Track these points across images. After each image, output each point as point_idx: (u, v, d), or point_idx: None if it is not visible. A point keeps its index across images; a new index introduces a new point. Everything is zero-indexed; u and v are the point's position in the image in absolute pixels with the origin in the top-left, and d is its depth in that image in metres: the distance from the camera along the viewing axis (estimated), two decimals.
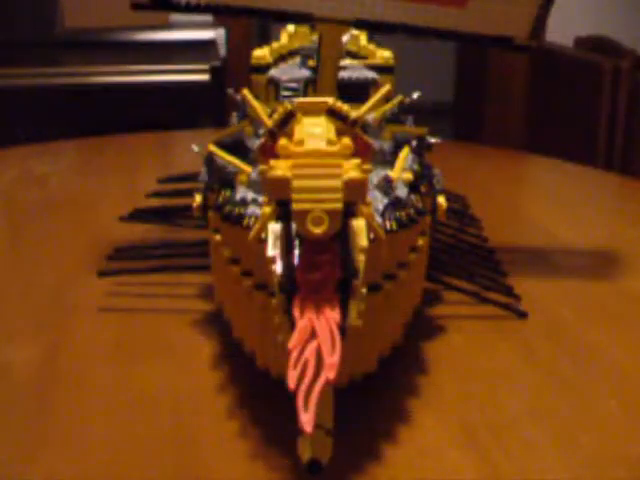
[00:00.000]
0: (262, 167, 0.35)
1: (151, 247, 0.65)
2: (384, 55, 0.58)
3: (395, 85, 0.56)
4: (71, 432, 0.44)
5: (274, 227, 0.34)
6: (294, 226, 0.33)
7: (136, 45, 1.81)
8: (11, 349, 0.53)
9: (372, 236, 0.35)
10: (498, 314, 0.57)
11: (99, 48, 1.81)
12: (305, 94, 0.54)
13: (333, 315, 0.32)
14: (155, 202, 0.73)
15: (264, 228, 0.34)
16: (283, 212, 0.33)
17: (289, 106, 0.36)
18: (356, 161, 0.33)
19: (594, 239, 0.76)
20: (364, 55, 0.61)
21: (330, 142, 0.33)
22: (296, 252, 0.34)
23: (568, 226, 0.79)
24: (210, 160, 0.50)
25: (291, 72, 0.55)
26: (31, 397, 0.48)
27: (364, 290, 0.34)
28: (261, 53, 0.55)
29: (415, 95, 0.61)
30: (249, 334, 0.46)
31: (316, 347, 0.31)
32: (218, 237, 0.46)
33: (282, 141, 0.33)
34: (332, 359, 0.31)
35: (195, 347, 0.52)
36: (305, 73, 0.55)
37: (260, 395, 0.46)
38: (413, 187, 0.46)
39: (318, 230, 0.31)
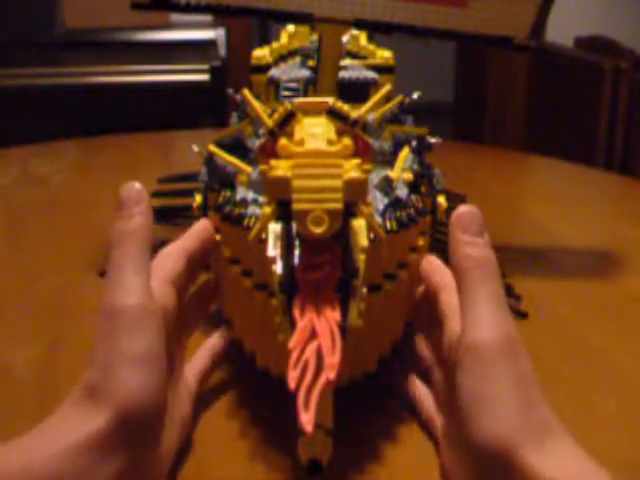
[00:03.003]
0: (262, 167, 0.35)
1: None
2: (384, 55, 0.58)
3: (395, 85, 0.56)
4: None
5: (274, 227, 0.34)
6: (294, 226, 0.33)
7: (136, 45, 1.81)
8: (12, 349, 0.53)
9: (372, 236, 0.35)
10: None
11: (99, 48, 1.81)
12: (305, 94, 0.54)
13: (333, 315, 0.32)
14: (155, 202, 0.73)
15: (264, 228, 0.34)
16: (283, 212, 0.33)
17: (289, 106, 0.36)
18: (356, 161, 0.33)
19: (594, 239, 0.76)
20: (364, 55, 0.61)
21: (330, 142, 0.33)
22: (296, 252, 0.34)
23: (568, 226, 0.79)
24: (210, 160, 0.50)
25: (291, 72, 0.55)
26: (32, 397, 0.48)
27: (364, 290, 0.34)
28: (261, 53, 0.55)
29: (415, 95, 0.61)
30: (249, 334, 0.46)
31: (316, 347, 0.31)
32: (218, 237, 0.46)
33: (282, 141, 0.33)
34: (332, 359, 0.31)
35: (195, 347, 0.52)
36: (305, 73, 0.54)
37: (260, 395, 0.46)
38: (413, 187, 0.46)
39: (318, 230, 0.31)
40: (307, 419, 0.30)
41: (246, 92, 0.45)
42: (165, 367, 0.35)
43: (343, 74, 0.53)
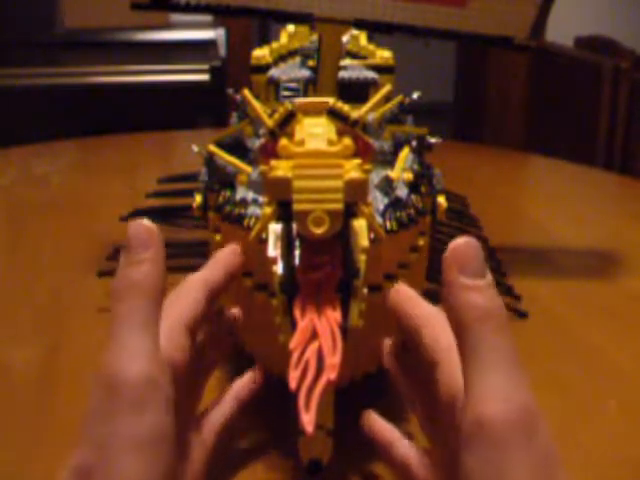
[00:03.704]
0: (263, 167, 0.35)
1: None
2: (384, 55, 0.57)
3: (395, 85, 0.56)
4: (71, 432, 0.44)
5: (275, 227, 0.33)
6: (295, 226, 0.33)
7: (136, 45, 1.81)
8: (11, 349, 0.53)
9: (372, 236, 0.35)
10: None
11: (99, 48, 1.81)
12: (305, 94, 0.54)
13: (334, 315, 0.32)
14: (155, 202, 0.73)
15: (265, 228, 0.34)
16: (284, 212, 0.33)
17: (290, 106, 0.35)
18: (357, 161, 0.33)
19: (594, 239, 0.76)
20: (364, 55, 0.61)
21: (331, 142, 0.33)
22: (297, 252, 0.34)
23: (568, 226, 0.79)
24: (210, 160, 0.50)
25: (291, 72, 0.55)
26: (31, 397, 0.48)
27: (365, 290, 0.34)
28: (261, 53, 0.55)
29: (415, 95, 0.61)
30: (249, 334, 0.46)
31: (317, 348, 0.31)
32: (218, 237, 0.46)
33: (283, 141, 0.33)
34: (333, 359, 0.31)
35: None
36: (305, 73, 0.54)
37: (260, 395, 0.46)
38: (413, 187, 0.46)
39: (319, 230, 0.31)
40: (308, 419, 0.30)
41: (246, 92, 0.45)
42: (174, 448, 0.31)
43: (343, 74, 0.53)
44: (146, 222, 0.33)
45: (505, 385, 0.29)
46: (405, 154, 0.48)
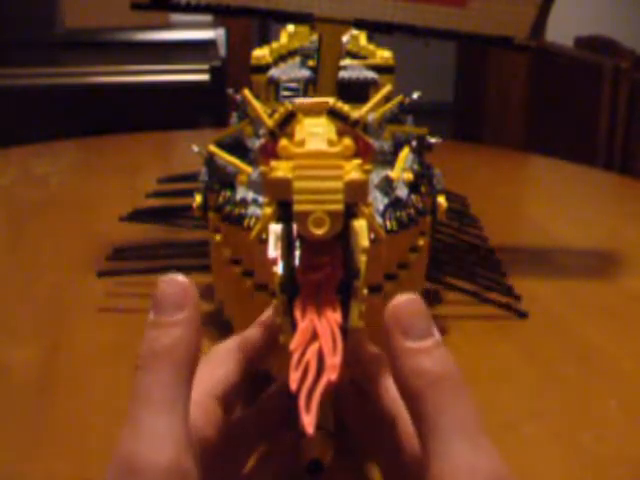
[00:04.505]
0: (263, 168, 0.35)
1: (151, 247, 0.65)
2: (384, 55, 0.57)
3: (395, 85, 0.55)
4: (71, 432, 0.44)
5: (275, 228, 0.33)
6: (295, 227, 0.33)
7: (136, 45, 1.82)
8: (11, 349, 0.53)
9: (372, 236, 0.35)
10: (498, 314, 0.57)
11: (99, 48, 1.81)
12: (305, 94, 0.54)
13: (334, 316, 0.32)
14: (155, 202, 0.73)
15: (265, 229, 0.34)
16: (284, 213, 0.33)
17: (290, 106, 0.35)
18: (357, 162, 0.33)
19: (594, 239, 0.76)
20: (364, 55, 0.61)
21: (331, 143, 0.33)
22: (297, 253, 0.34)
23: (568, 226, 0.79)
24: (210, 160, 0.50)
25: (291, 72, 0.55)
26: (31, 397, 0.48)
27: (365, 291, 0.34)
28: (261, 53, 0.55)
29: (415, 95, 0.61)
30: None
31: (317, 348, 0.31)
32: (218, 237, 0.46)
33: (283, 142, 0.33)
34: (333, 360, 0.31)
35: None
36: (305, 73, 0.54)
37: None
38: (413, 187, 0.46)
39: (319, 231, 0.31)
40: (308, 420, 0.30)
41: (246, 92, 0.45)
42: None
43: (343, 74, 0.53)
44: (180, 278, 0.28)
45: (470, 454, 0.26)
46: (405, 154, 0.48)
